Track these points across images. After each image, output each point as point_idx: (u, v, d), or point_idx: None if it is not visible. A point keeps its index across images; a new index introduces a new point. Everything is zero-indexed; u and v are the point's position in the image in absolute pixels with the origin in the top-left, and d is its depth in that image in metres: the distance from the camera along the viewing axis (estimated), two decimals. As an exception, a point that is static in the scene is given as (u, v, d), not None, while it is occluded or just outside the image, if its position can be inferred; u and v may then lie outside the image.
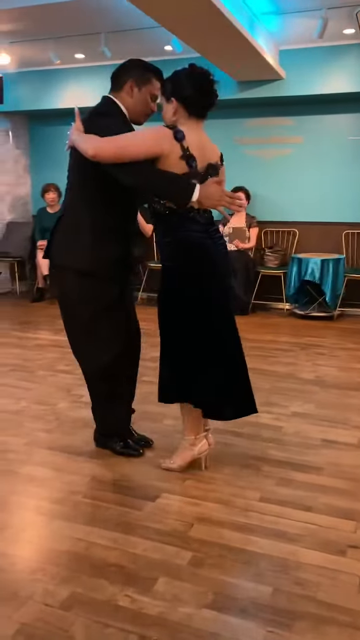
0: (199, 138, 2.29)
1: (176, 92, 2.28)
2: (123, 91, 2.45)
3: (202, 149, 2.29)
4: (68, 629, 1.56)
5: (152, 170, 2.24)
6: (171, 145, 2.20)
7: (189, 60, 6.09)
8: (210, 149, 2.35)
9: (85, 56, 5.93)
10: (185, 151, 2.21)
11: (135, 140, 2.22)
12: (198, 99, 2.28)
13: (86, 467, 2.50)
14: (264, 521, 2.09)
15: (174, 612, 1.63)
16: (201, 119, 2.33)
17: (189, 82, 2.27)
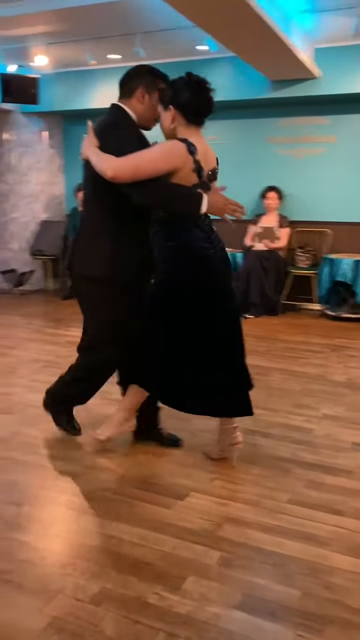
0: (202, 146, 2.33)
1: (174, 100, 2.31)
2: (133, 98, 2.47)
3: (205, 157, 2.33)
4: (98, 624, 1.58)
5: (163, 188, 2.29)
6: (185, 160, 2.26)
7: (223, 60, 6.13)
8: (210, 155, 2.39)
9: (119, 56, 5.97)
10: (197, 164, 2.28)
11: (152, 160, 2.25)
12: (196, 106, 2.31)
13: (116, 464, 2.53)
14: (293, 524, 2.08)
15: (202, 612, 1.63)
16: (200, 126, 2.36)
17: (186, 90, 2.30)
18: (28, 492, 2.29)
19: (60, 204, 7.41)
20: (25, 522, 2.08)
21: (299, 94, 5.64)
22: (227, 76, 5.86)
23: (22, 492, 2.29)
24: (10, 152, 7.05)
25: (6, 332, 4.96)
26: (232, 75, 5.83)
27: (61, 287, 7.05)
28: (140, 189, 2.27)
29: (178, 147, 2.26)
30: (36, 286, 7.19)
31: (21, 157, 7.06)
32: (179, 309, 2.39)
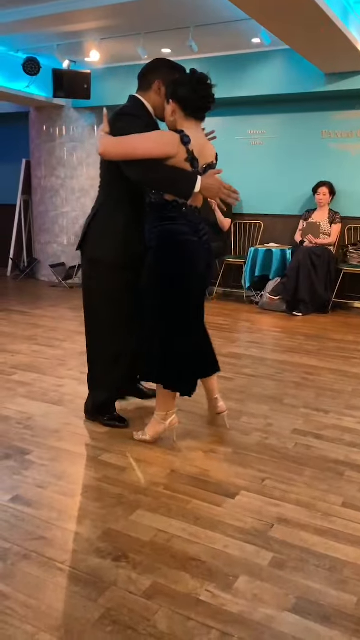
0: (199, 140, 2.47)
1: (174, 95, 2.45)
2: (151, 90, 2.62)
3: (202, 150, 2.46)
4: (151, 618, 1.59)
5: (157, 167, 2.41)
6: (178, 149, 2.39)
7: (277, 53, 6.03)
8: (208, 150, 2.52)
9: (171, 51, 5.96)
10: (189, 154, 2.41)
11: (143, 143, 2.41)
12: (194, 101, 2.44)
13: (165, 459, 2.54)
14: (347, 528, 2.03)
15: (255, 612, 1.62)
16: (198, 120, 2.49)
17: (186, 85, 2.43)
18: (80, 484, 2.32)
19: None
20: (78, 513, 2.11)
21: (353, 87, 5.50)
22: (280, 69, 5.77)
23: (73, 483, 2.32)
24: (62, 147, 7.16)
25: (56, 325, 5.06)
26: (286, 68, 5.73)
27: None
28: (135, 166, 2.43)
29: (171, 135, 2.41)
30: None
31: (72, 151, 7.16)
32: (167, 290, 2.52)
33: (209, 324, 2.77)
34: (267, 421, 2.99)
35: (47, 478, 2.35)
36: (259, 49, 5.72)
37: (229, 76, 5.99)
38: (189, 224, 2.50)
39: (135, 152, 2.40)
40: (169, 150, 2.38)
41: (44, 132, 7.24)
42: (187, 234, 2.49)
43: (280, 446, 2.69)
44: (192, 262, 2.51)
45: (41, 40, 5.75)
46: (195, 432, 2.82)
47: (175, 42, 5.58)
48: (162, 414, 2.67)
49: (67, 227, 7.31)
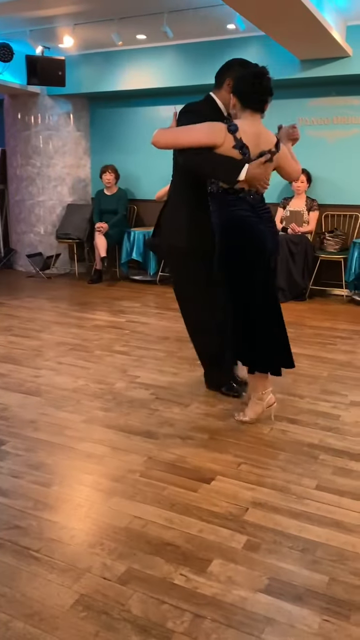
0: (253, 129, 2.61)
1: (234, 88, 2.64)
2: (223, 88, 2.83)
3: (256, 139, 2.61)
4: (125, 603, 1.60)
5: (206, 154, 2.57)
6: (225, 137, 2.55)
7: (252, 39, 5.99)
8: (265, 138, 2.66)
9: (147, 37, 5.90)
10: (238, 141, 2.55)
11: (188, 132, 2.60)
12: (249, 94, 2.60)
13: (143, 447, 2.54)
14: (320, 510, 2.07)
15: (229, 594, 1.64)
16: (256, 112, 2.64)
17: (244, 80, 2.60)
18: (56, 473, 2.32)
19: (86, 187, 7.41)
20: (53, 502, 2.11)
21: (330, 73, 5.50)
22: (256, 56, 5.72)
23: (50, 473, 2.32)
24: (37, 135, 7.06)
25: (33, 315, 5.02)
26: (261, 54, 5.70)
27: (87, 271, 7.08)
28: (186, 153, 2.64)
29: (218, 125, 2.58)
30: (62, 270, 7.24)
31: (48, 140, 7.07)
32: (235, 273, 2.68)
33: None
34: (244, 407, 3.01)
35: (22, 468, 2.35)
36: (234, 35, 5.69)
37: (205, 62, 5.94)
38: (250, 207, 2.65)
39: (178, 140, 2.62)
40: (214, 139, 2.54)
41: (18, 120, 7.12)
42: (248, 216, 2.65)
43: (256, 431, 2.72)
44: (256, 239, 2.65)
45: (13, 25, 5.64)
46: (172, 420, 2.83)
47: (150, 28, 5.52)
48: (258, 394, 2.80)
49: (44, 216, 7.23)
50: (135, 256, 6.41)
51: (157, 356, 3.83)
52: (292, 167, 2.85)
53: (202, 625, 1.52)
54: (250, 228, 2.64)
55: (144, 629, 1.51)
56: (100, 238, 6.41)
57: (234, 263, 2.67)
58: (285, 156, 2.78)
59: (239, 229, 2.64)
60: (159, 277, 6.44)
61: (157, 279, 6.45)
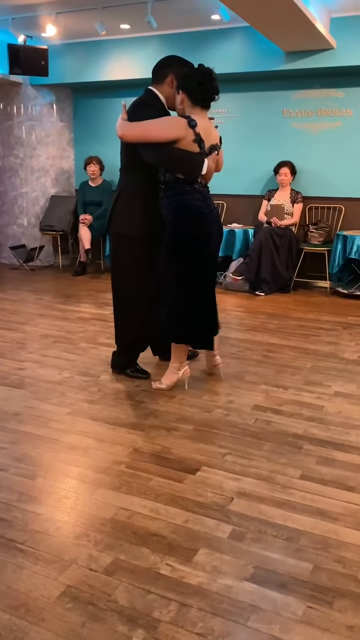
0: (204, 124, 2.83)
1: (183, 86, 2.85)
2: (165, 84, 2.98)
3: (207, 134, 2.84)
4: (111, 593, 1.60)
5: (170, 150, 2.77)
6: (186, 131, 2.75)
7: (237, 30, 5.98)
8: (213, 134, 2.91)
9: (130, 26, 5.85)
10: (197, 136, 2.77)
11: (155, 126, 2.78)
12: (199, 92, 2.81)
13: (128, 438, 2.55)
14: (305, 499, 2.09)
15: (214, 583, 1.65)
16: (203, 108, 2.86)
17: (193, 78, 2.81)
18: (41, 465, 2.31)
19: (70, 178, 7.35)
20: (39, 494, 2.10)
21: (314, 65, 5.51)
22: (240, 47, 5.73)
23: (35, 465, 2.31)
24: (20, 126, 6.98)
25: (16, 308, 4.98)
26: (245, 46, 5.70)
27: (71, 263, 7.04)
28: (151, 151, 2.79)
29: (180, 120, 2.79)
30: (46, 262, 7.19)
31: (31, 130, 6.99)
32: (184, 258, 2.88)
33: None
34: (229, 398, 3.03)
35: (7, 461, 2.33)
36: (218, 26, 5.67)
37: (189, 53, 5.84)
38: (202, 199, 2.88)
39: (147, 133, 2.77)
40: (177, 133, 2.75)
41: (0, 110, 7.03)
42: (200, 207, 2.86)
43: (240, 422, 2.73)
44: (205, 230, 2.88)
45: (-6, 13, 5.56)
46: (157, 411, 2.84)
47: (133, 17, 5.48)
48: (176, 365, 3.06)
49: (27, 207, 7.16)
50: (119, 248, 6.36)
51: (142, 348, 3.83)
52: (221, 160, 3.12)
53: (188, 614, 1.53)
54: (200, 215, 2.86)
55: (130, 618, 1.52)
56: (84, 230, 6.37)
57: (184, 245, 2.86)
58: (221, 152, 3.07)
59: (191, 216, 2.85)
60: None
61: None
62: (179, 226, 2.85)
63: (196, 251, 2.87)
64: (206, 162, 2.80)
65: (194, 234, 2.86)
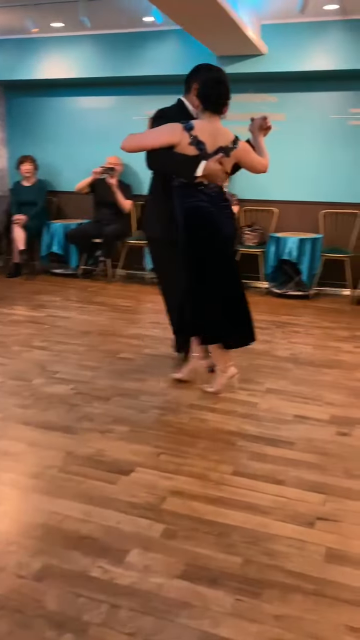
0: (210, 127, 2.87)
1: (198, 92, 2.89)
2: (191, 92, 3.05)
3: (213, 136, 2.86)
4: (41, 599, 1.58)
5: (166, 155, 2.86)
6: (181, 135, 2.82)
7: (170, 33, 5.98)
8: (222, 136, 2.91)
9: (64, 25, 5.77)
10: (193, 138, 2.82)
11: (150, 133, 2.93)
12: (208, 97, 2.86)
13: (61, 442, 2.51)
14: (236, 494, 2.13)
15: (146, 582, 1.66)
16: (214, 113, 2.89)
17: (204, 85, 2.86)
18: (-30, 473, 2.24)
19: (3, 178, 7.15)
20: (-34, 502, 2.04)
21: (246, 70, 5.62)
22: (173, 50, 5.77)
23: None
24: None
25: None
26: (179, 49, 5.74)
27: (5, 265, 6.86)
28: (151, 158, 2.93)
29: (175, 125, 2.85)
30: (-21, 264, 6.96)
31: None
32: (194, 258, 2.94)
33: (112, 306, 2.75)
34: (165, 398, 3.04)
35: None
36: (152, 28, 5.68)
37: (124, 54, 5.91)
38: (208, 198, 2.89)
39: (142, 142, 2.89)
40: (171, 138, 2.82)
41: None
42: (206, 206, 2.89)
43: (176, 421, 2.76)
44: (210, 224, 2.89)
45: None
46: (92, 414, 2.82)
47: (67, 15, 5.40)
48: (221, 367, 3.10)
49: None
50: (55, 249, 6.28)
51: (77, 351, 3.79)
52: (254, 160, 3.07)
53: (118, 615, 1.53)
54: (206, 214, 2.89)
55: (59, 623, 1.50)
56: (18, 230, 6.23)
57: (193, 246, 2.91)
58: (244, 151, 3.00)
59: (196, 216, 2.90)
60: (81, 270, 6.35)
61: (79, 272, 6.36)
62: (185, 226, 2.92)
63: (204, 251, 2.91)
64: (203, 163, 2.80)
65: (198, 231, 2.90)
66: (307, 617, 1.55)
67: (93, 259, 6.48)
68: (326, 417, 2.85)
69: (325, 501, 2.10)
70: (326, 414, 2.89)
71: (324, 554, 1.80)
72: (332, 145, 5.85)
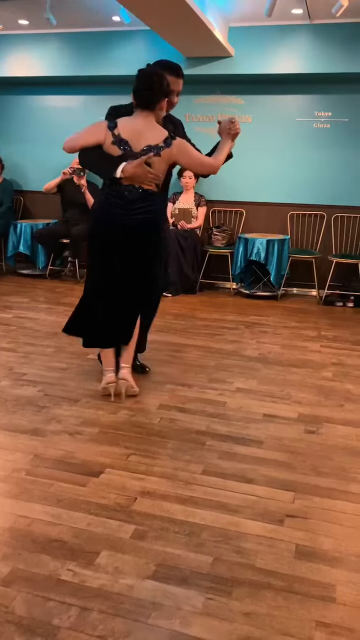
0: (137, 124, 2.75)
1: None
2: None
3: (138, 134, 2.73)
4: (8, 605, 1.55)
5: (89, 154, 2.81)
6: (105, 134, 2.75)
7: (138, 33, 5.98)
8: (151, 134, 2.76)
9: (29, 22, 5.70)
10: (115, 137, 2.73)
11: (81, 134, 2.82)
12: (136, 92, 2.78)
13: (29, 445, 2.47)
14: (206, 493, 2.13)
15: (116, 584, 1.65)
16: (144, 109, 2.77)
17: (136, 78, 2.77)
18: None
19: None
20: None
21: (213, 72, 5.65)
22: (141, 51, 5.75)
23: None
24: None
25: None
26: (148, 49, 5.73)
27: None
28: (80, 155, 2.89)
29: (100, 124, 2.80)
30: None
31: None
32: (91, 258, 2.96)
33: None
34: (135, 399, 3.03)
35: None
36: (120, 28, 5.66)
37: (90, 53, 5.87)
38: (121, 200, 2.78)
39: (74, 141, 2.81)
40: (96, 137, 2.76)
41: None
42: (109, 207, 2.80)
43: (146, 422, 2.75)
44: (102, 225, 2.83)
45: None
46: (60, 416, 2.78)
47: (32, 13, 5.34)
48: (104, 370, 3.04)
49: None
50: (22, 249, 6.19)
51: (45, 352, 3.74)
52: (193, 160, 2.90)
53: (88, 618, 1.52)
54: (104, 215, 2.81)
55: (28, 628, 1.47)
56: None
57: (89, 244, 2.93)
58: (180, 150, 2.81)
59: (93, 214, 2.91)
60: (49, 270, 6.28)
61: (47, 272, 6.28)
62: (89, 225, 2.94)
63: (97, 253, 2.90)
64: (122, 165, 2.71)
65: (90, 234, 2.92)
66: (277, 614, 1.56)
67: (61, 259, 6.41)
68: (294, 415, 2.89)
69: (294, 499, 2.12)
70: (294, 412, 2.92)
71: (293, 551, 1.82)
72: (298, 147, 5.93)
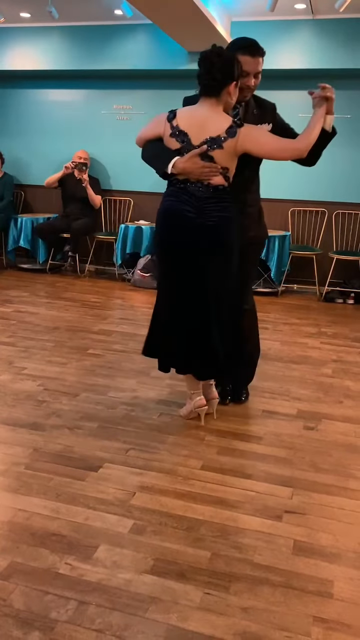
0: (199, 115, 2.43)
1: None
2: None
3: (199, 125, 2.41)
4: (7, 598, 1.55)
5: (149, 148, 2.57)
6: (164, 126, 2.47)
7: (140, 27, 5.96)
8: (213, 125, 2.40)
9: (31, 15, 5.67)
10: (174, 129, 2.44)
11: (143, 128, 2.60)
12: (198, 77, 2.43)
13: (29, 439, 2.47)
14: (205, 489, 2.14)
15: (114, 578, 1.65)
16: (207, 96, 2.43)
17: (199, 63, 2.42)
18: None
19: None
20: None
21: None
22: (145, 45, 5.73)
23: None
24: None
25: None
26: (150, 44, 5.71)
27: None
28: (142, 150, 2.62)
29: (160, 115, 2.52)
30: None
31: None
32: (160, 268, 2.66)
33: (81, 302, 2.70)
34: (134, 394, 3.03)
35: None
36: (122, 22, 5.64)
37: (93, 47, 5.85)
38: (189, 199, 2.43)
39: (139, 135, 2.60)
40: (156, 129, 2.51)
41: None
42: (179, 209, 2.44)
43: (145, 417, 2.75)
44: (175, 232, 2.46)
45: None
46: (60, 410, 2.78)
47: (34, 6, 5.31)
48: (189, 393, 2.73)
49: None
50: (23, 243, 6.18)
51: (45, 346, 3.74)
52: (267, 146, 2.43)
53: (86, 612, 1.52)
54: (175, 219, 2.44)
55: (25, 622, 1.48)
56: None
57: (158, 255, 2.63)
58: (250, 139, 2.39)
59: (161, 219, 2.50)
60: (49, 265, 6.27)
61: (47, 267, 6.27)
62: (155, 231, 2.57)
63: (162, 258, 2.57)
64: (175, 159, 2.39)
65: (160, 240, 2.54)
66: (275, 609, 1.56)
67: (61, 253, 6.41)
68: (293, 411, 2.89)
69: (293, 494, 2.13)
70: (294, 408, 2.93)
71: (291, 547, 1.82)
72: (300, 143, 5.91)
